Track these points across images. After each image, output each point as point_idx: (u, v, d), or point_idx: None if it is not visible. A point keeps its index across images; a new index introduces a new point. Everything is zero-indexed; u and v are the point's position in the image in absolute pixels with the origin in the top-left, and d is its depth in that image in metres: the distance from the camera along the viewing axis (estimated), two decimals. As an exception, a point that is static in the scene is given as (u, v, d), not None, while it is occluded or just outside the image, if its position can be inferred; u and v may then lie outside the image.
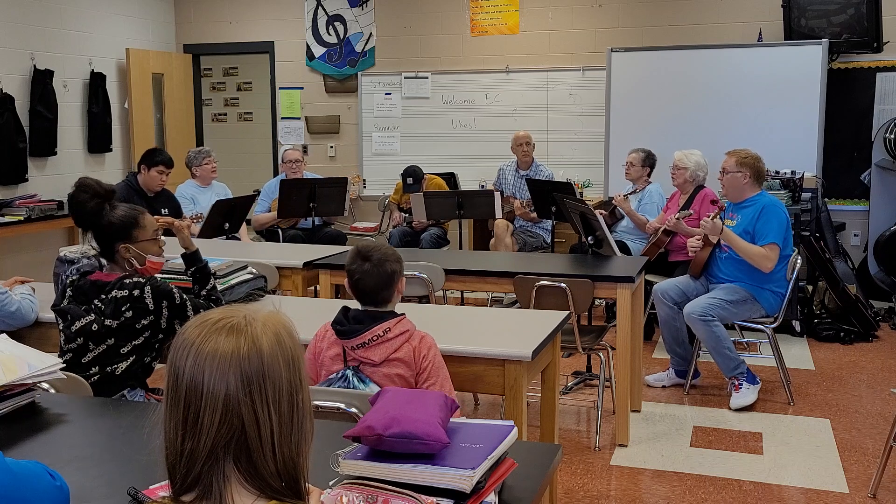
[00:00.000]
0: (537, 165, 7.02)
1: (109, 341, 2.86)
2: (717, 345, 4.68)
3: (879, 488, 3.65)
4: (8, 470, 1.45)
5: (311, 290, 4.77)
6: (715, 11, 7.49)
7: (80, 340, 2.87)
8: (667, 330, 5.01)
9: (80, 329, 2.86)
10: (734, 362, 4.72)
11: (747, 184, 4.84)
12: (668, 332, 5.00)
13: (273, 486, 1.20)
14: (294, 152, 6.94)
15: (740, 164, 4.83)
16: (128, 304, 2.84)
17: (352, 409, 2.35)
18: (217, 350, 1.18)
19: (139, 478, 1.80)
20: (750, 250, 4.69)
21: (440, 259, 4.65)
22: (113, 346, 2.87)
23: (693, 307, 4.71)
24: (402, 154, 8.37)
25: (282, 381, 1.21)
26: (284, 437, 1.21)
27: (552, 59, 7.99)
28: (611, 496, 3.69)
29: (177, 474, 1.20)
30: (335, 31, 8.67)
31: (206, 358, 1.18)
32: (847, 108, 7.03)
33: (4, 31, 7.11)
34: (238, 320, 1.21)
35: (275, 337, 1.22)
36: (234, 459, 1.18)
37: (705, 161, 5.78)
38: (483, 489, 1.67)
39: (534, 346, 2.91)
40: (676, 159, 5.80)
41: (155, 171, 5.76)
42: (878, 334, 6.19)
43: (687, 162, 5.75)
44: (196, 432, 1.17)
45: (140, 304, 2.85)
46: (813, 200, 6.37)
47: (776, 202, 4.87)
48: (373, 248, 2.73)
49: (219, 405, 1.17)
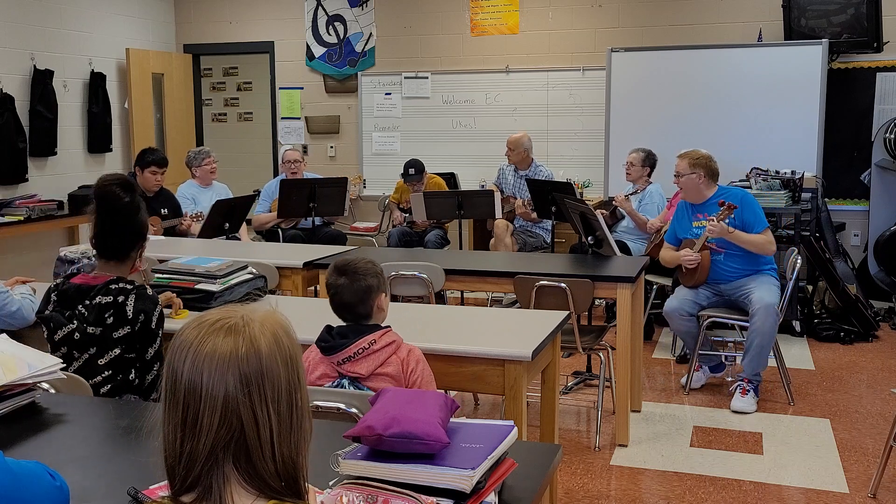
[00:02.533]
0: (536, 165, 7.01)
1: (91, 350, 2.72)
2: (769, 342, 4.67)
3: (879, 488, 3.65)
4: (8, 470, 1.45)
5: (311, 290, 4.77)
6: (715, 11, 7.49)
7: (63, 349, 2.74)
8: (691, 340, 4.98)
9: (63, 338, 2.73)
10: (763, 366, 4.73)
11: (703, 183, 4.89)
12: (692, 342, 4.97)
13: (273, 486, 1.20)
14: (293, 153, 6.94)
15: (693, 165, 4.89)
16: (111, 311, 2.71)
17: (352, 409, 2.35)
18: (215, 351, 1.18)
19: (139, 478, 1.80)
20: (756, 240, 4.74)
21: (440, 259, 4.64)
22: (93, 356, 2.72)
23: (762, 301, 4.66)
24: (402, 154, 8.35)
25: (280, 380, 1.20)
26: (284, 436, 1.21)
27: (552, 59, 7.99)
28: (611, 496, 3.69)
29: (176, 475, 1.20)
30: (335, 31, 8.67)
31: (205, 359, 1.18)
32: (847, 108, 7.03)
33: (4, 31, 7.11)
34: (236, 321, 1.21)
35: (273, 337, 1.22)
36: (233, 460, 1.18)
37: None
38: (483, 489, 1.67)
39: (534, 346, 2.90)
40: None
41: (148, 171, 5.75)
42: (878, 334, 6.19)
43: None
44: (195, 433, 1.17)
45: (121, 312, 2.71)
46: (813, 200, 6.37)
47: (743, 191, 5.04)
48: (350, 263, 2.68)
49: (218, 406, 1.17)
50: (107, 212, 2.79)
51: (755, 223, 4.77)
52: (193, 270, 3.59)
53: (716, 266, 4.88)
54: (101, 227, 2.79)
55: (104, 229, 2.79)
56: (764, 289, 4.73)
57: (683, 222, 5.01)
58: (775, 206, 6.16)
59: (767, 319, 4.63)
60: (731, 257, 4.84)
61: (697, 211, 4.95)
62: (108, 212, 2.78)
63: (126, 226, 2.80)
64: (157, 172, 5.77)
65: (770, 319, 4.64)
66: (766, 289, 4.73)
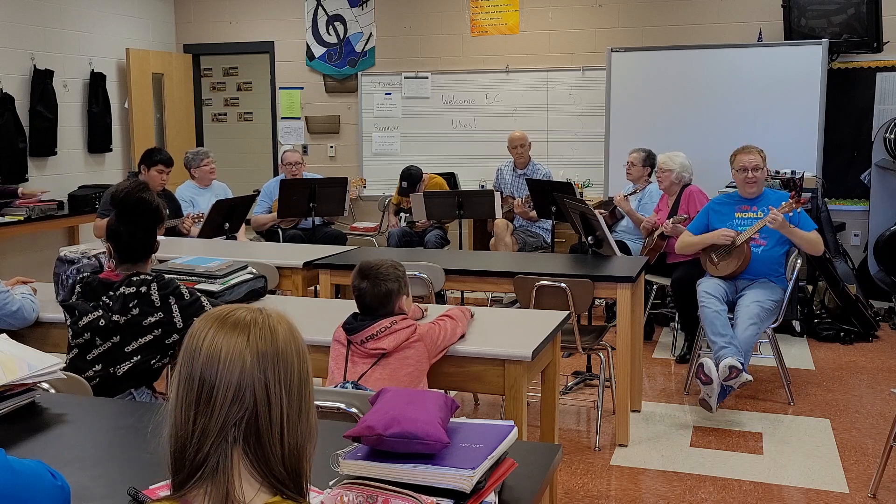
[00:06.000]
0: (534, 164, 7.02)
1: (115, 338, 2.85)
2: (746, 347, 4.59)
3: (879, 488, 3.65)
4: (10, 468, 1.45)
5: (311, 290, 4.77)
6: (715, 11, 7.49)
7: (86, 336, 2.87)
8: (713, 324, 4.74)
9: (88, 324, 2.86)
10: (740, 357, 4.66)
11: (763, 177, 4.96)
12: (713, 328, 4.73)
13: (277, 474, 1.22)
14: (294, 154, 6.93)
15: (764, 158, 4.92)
16: (135, 301, 2.85)
17: (352, 409, 2.35)
18: (235, 331, 1.24)
19: (139, 478, 1.80)
20: (811, 237, 4.76)
21: (440, 259, 4.64)
22: (118, 344, 2.85)
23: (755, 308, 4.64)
24: (402, 154, 8.37)
25: (294, 366, 1.26)
26: (293, 422, 1.24)
27: (552, 59, 7.99)
28: (611, 496, 3.69)
29: (185, 457, 1.21)
30: (335, 31, 8.67)
31: (225, 337, 1.23)
32: (847, 108, 7.03)
33: (4, 31, 7.11)
34: (254, 311, 1.29)
35: (288, 327, 1.29)
36: (243, 441, 1.21)
37: (689, 162, 5.79)
38: (483, 489, 1.67)
39: (534, 346, 2.91)
40: (660, 162, 5.81)
41: (154, 170, 5.75)
42: (878, 334, 6.19)
43: (672, 164, 5.75)
44: (209, 409, 1.20)
45: (146, 301, 2.85)
46: (813, 200, 6.37)
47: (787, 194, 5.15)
48: (373, 267, 2.86)
49: (233, 381, 1.21)
50: (135, 224, 2.91)
51: (807, 223, 4.82)
52: (193, 270, 3.59)
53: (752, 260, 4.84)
54: (129, 237, 2.91)
55: (132, 240, 2.92)
56: (753, 295, 4.69)
57: (723, 215, 4.96)
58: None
59: (749, 328, 4.59)
60: (761, 256, 4.81)
61: (745, 203, 4.93)
62: (137, 222, 2.92)
63: (152, 233, 2.96)
64: (163, 172, 5.78)
65: (753, 328, 4.58)
66: (764, 296, 4.70)
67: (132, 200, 2.91)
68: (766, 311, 4.65)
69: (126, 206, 2.91)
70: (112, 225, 2.92)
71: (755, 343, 4.72)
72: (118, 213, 2.93)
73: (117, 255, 2.94)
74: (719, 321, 4.60)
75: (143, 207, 2.92)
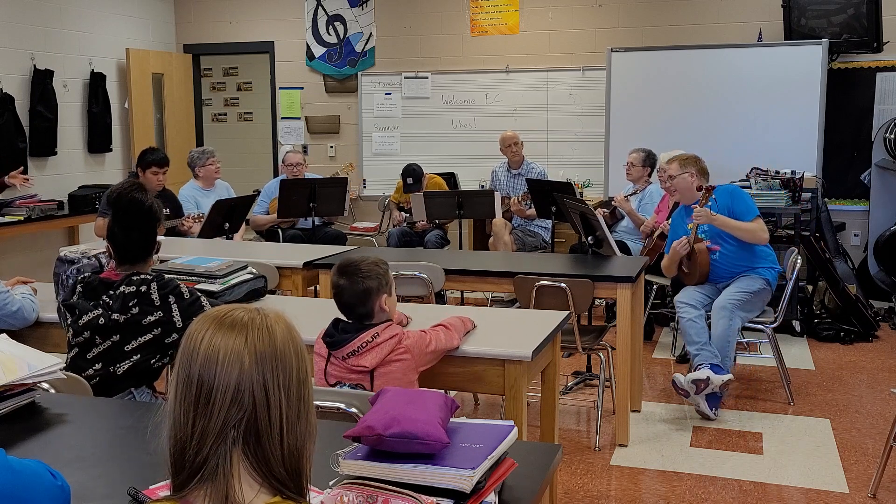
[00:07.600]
0: (528, 163, 7.01)
1: (115, 337, 2.85)
2: (724, 343, 4.64)
3: (879, 488, 3.65)
4: (10, 468, 1.45)
5: (311, 290, 4.77)
6: (715, 11, 7.49)
7: (86, 334, 2.87)
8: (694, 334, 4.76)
9: (88, 322, 2.86)
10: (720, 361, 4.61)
11: (695, 181, 4.88)
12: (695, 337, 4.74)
13: (277, 475, 1.22)
14: (296, 155, 6.92)
15: (683, 164, 4.90)
16: (135, 300, 2.84)
17: (352, 409, 2.35)
18: (233, 332, 1.23)
19: (139, 478, 1.80)
20: (747, 227, 4.72)
21: (440, 259, 4.64)
22: (118, 343, 2.85)
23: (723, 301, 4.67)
24: (402, 154, 8.37)
25: (292, 366, 1.25)
26: (292, 423, 1.23)
27: (552, 59, 7.99)
28: (611, 496, 3.69)
29: (185, 459, 1.21)
30: (335, 31, 8.67)
31: (223, 338, 1.22)
32: (847, 108, 7.03)
33: (4, 31, 7.11)
34: (252, 312, 1.28)
35: (286, 327, 1.28)
36: (243, 442, 1.21)
37: None
38: (483, 489, 1.67)
39: (534, 346, 2.91)
40: (662, 161, 5.80)
41: (149, 172, 5.71)
42: (878, 334, 6.19)
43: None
44: (208, 411, 1.20)
45: (146, 300, 2.85)
46: (813, 200, 6.37)
47: (732, 185, 5.13)
48: (352, 264, 2.73)
49: (232, 383, 1.20)
50: (129, 224, 2.91)
51: (746, 212, 4.77)
52: (193, 270, 3.59)
53: (714, 266, 4.87)
54: (125, 238, 2.91)
55: (128, 241, 2.91)
56: (727, 292, 4.70)
57: (681, 227, 4.99)
58: (775, 207, 6.17)
59: (719, 322, 4.60)
60: (725, 256, 4.82)
61: (691, 213, 4.94)
62: (131, 223, 2.91)
63: (148, 233, 2.94)
64: (158, 172, 5.73)
65: (722, 322, 4.59)
66: (736, 288, 4.70)
67: (125, 201, 2.91)
68: (739, 301, 4.66)
69: (119, 207, 2.92)
70: (109, 226, 2.93)
71: (737, 338, 4.71)
72: (113, 214, 2.93)
73: (116, 255, 2.95)
74: (693, 329, 4.66)
75: (136, 208, 2.91)
